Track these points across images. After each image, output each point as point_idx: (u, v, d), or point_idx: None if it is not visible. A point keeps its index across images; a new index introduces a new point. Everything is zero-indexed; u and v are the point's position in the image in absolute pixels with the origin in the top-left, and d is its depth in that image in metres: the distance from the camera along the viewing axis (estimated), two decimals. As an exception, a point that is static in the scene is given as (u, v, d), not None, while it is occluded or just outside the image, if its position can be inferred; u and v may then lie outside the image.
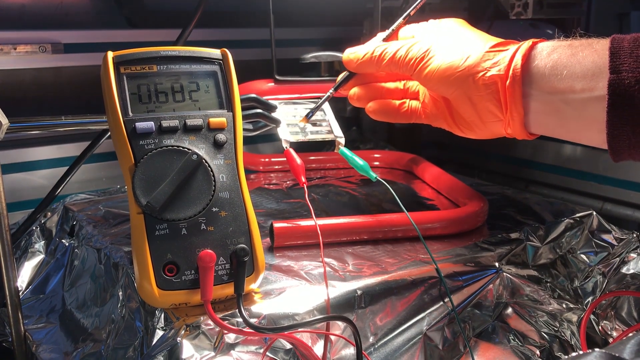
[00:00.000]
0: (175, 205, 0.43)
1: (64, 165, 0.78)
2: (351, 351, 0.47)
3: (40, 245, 0.65)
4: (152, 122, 0.44)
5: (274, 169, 0.85)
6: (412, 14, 0.56)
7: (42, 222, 0.66)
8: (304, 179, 0.53)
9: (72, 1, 0.84)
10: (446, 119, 0.54)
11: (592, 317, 0.56)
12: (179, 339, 0.41)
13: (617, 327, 0.56)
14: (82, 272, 0.58)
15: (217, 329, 0.42)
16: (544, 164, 0.92)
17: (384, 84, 0.58)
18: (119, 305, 0.49)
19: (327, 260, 0.53)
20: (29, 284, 0.61)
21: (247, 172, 0.82)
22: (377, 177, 0.55)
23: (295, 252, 0.55)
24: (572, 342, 0.54)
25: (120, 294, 0.50)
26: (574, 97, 0.43)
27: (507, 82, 0.46)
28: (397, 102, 0.57)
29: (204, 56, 0.48)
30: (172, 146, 0.44)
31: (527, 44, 0.46)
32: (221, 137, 0.46)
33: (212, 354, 0.41)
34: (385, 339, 0.49)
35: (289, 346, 0.44)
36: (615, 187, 0.83)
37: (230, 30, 0.93)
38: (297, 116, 0.60)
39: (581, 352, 0.33)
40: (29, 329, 0.54)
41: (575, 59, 0.43)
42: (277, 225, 0.56)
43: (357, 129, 1.07)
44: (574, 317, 0.56)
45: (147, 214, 0.42)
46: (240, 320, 0.42)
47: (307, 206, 0.50)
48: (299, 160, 0.54)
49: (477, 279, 0.54)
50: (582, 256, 0.61)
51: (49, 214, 0.67)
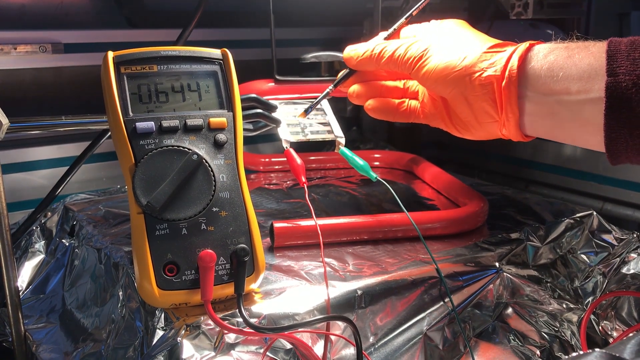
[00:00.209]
0: (175, 205, 0.43)
1: (64, 165, 0.78)
2: (351, 351, 0.47)
3: (40, 245, 0.65)
4: (153, 122, 0.44)
5: (274, 169, 0.85)
6: (414, 14, 0.56)
7: (43, 222, 0.66)
8: (304, 179, 0.53)
9: (72, 1, 0.84)
10: (444, 119, 0.54)
11: (592, 317, 0.56)
12: (179, 338, 0.41)
13: (617, 327, 0.56)
14: (82, 272, 0.57)
15: (218, 329, 0.42)
16: (544, 164, 0.92)
17: (383, 83, 0.58)
18: (119, 305, 0.49)
19: (327, 260, 0.53)
20: (29, 284, 0.61)
21: (248, 172, 0.82)
22: (378, 177, 0.55)
23: (295, 252, 0.55)
24: (573, 342, 0.54)
25: (120, 293, 0.50)
26: (570, 99, 0.43)
27: (503, 83, 0.46)
28: (397, 101, 0.58)
29: (204, 56, 0.48)
30: (173, 146, 0.44)
31: (524, 45, 0.46)
32: (221, 137, 0.46)
33: (212, 354, 0.41)
34: (385, 339, 0.49)
35: (289, 346, 0.44)
36: (615, 187, 0.83)
37: (230, 30, 0.93)
38: (297, 116, 0.60)
39: (581, 352, 0.33)
40: (29, 329, 0.54)
41: (571, 61, 0.43)
42: (278, 225, 0.56)
43: (357, 129, 1.07)
44: (574, 317, 0.56)
45: (147, 214, 0.42)
46: (240, 320, 0.42)
47: (308, 206, 0.50)
48: (299, 160, 0.54)
49: (477, 279, 0.54)
50: (583, 256, 0.61)
51: (49, 213, 0.67)
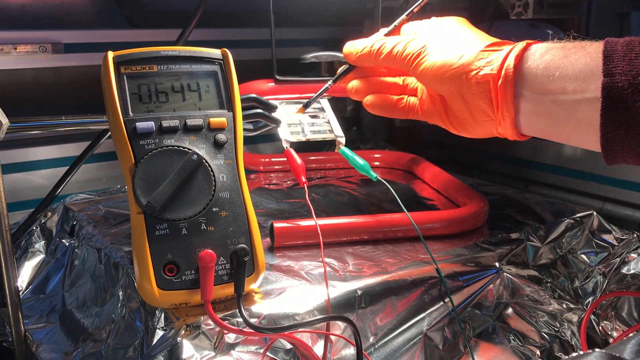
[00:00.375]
0: (175, 205, 0.43)
1: (64, 165, 0.78)
2: (351, 351, 0.47)
3: (40, 245, 0.65)
4: (153, 122, 0.44)
5: (274, 169, 0.85)
6: (415, 10, 0.57)
7: (43, 222, 0.66)
8: (304, 179, 0.53)
9: (72, 1, 0.84)
10: (441, 116, 0.54)
11: (592, 317, 0.56)
12: (179, 338, 0.41)
13: (617, 327, 0.56)
14: (82, 272, 0.57)
15: (217, 329, 0.42)
16: (544, 164, 0.92)
17: (383, 79, 0.59)
18: (119, 305, 0.49)
19: (327, 260, 0.53)
20: (29, 284, 0.61)
21: (248, 172, 0.82)
22: (378, 177, 0.55)
23: (295, 252, 0.55)
24: (573, 342, 0.54)
25: (120, 293, 0.50)
26: (566, 98, 0.43)
27: (499, 81, 0.46)
28: (395, 97, 0.58)
29: (204, 56, 0.48)
30: (173, 146, 0.44)
31: (521, 44, 0.46)
32: (221, 137, 0.46)
33: (212, 354, 0.41)
34: (385, 339, 0.49)
35: (289, 346, 0.44)
36: (615, 187, 0.83)
37: (230, 30, 0.93)
38: (296, 111, 0.60)
39: (581, 352, 0.33)
40: (29, 329, 0.54)
41: (567, 61, 0.43)
42: (278, 225, 0.56)
43: (358, 129, 1.07)
44: (575, 317, 0.56)
45: (147, 214, 0.42)
46: (240, 320, 0.42)
47: (308, 206, 0.50)
48: (299, 160, 0.54)
49: (477, 279, 0.54)
50: (583, 256, 0.61)
51: (49, 213, 0.67)
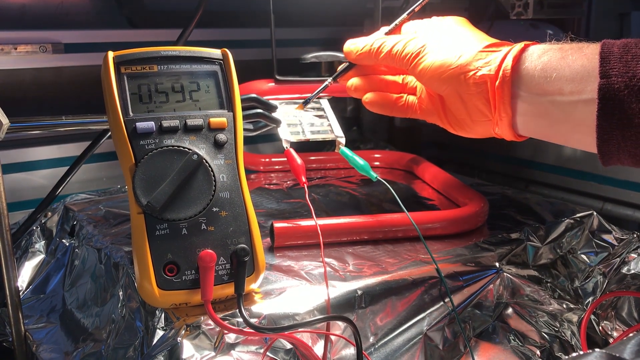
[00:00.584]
0: (175, 205, 0.43)
1: (64, 165, 0.78)
2: (351, 351, 0.47)
3: (40, 245, 0.65)
4: (153, 122, 0.44)
5: (274, 169, 0.85)
6: (416, 10, 0.57)
7: (43, 222, 0.66)
8: (304, 179, 0.53)
9: (72, 1, 0.84)
10: (439, 115, 0.54)
11: (592, 317, 0.56)
12: (179, 338, 0.41)
13: (617, 327, 0.56)
14: (82, 272, 0.58)
15: (218, 329, 0.42)
16: (544, 164, 0.92)
17: (382, 77, 0.59)
18: (120, 305, 0.49)
19: (327, 260, 0.53)
20: (29, 284, 0.61)
21: (248, 172, 0.82)
22: (378, 177, 0.55)
23: (295, 252, 0.55)
24: (573, 342, 0.54)
25: (120, 293, 0.50)
26: (562, 100, 0.44)
27: (497, 82, 0.46)
28: (395, 96, 0.58)
29: (205, 56, 0.48)
30: (173, 146, 0.44)
31: (519, 46, 0.47)
32: (221, 137, 0.46)
33: (213, 354, 0.41)
34: (385, 339, 0.49)
35: (289, 346, 0.44)
36: (615, 187, 0.83)
37: (230, 30, 0.93)
38: (297, 116, 0.60)
39: (581, 353, 0.33)
40: (29, 329, 0.54)
41: (564, 62, 0.43)
42: (278, 225, 0.56)
43: (358, 129, 1.07)
44: (575, 318, 0.56)
45: (147, 214, 0.42)
46: (240, 320, 0.42)
47: (308, 206, 0.50)
48: (299, 160, 0.54)
49: (477, 279, 0.54)
50: (583, 256, 0.61)
51: (50, 213, 0.67)
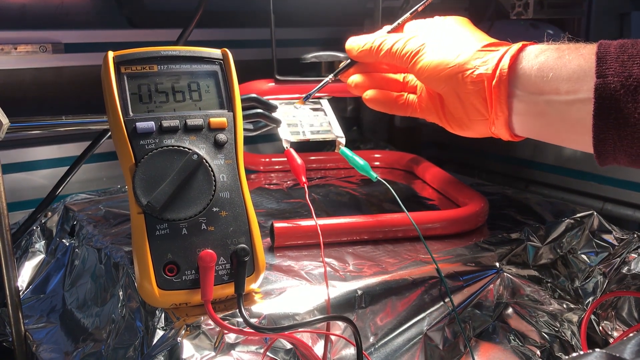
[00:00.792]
0: (175, 205, 0.43)
1: (64, 165, 0.78)
2: (351, 351, 0.47)
3: (40, 245, 0.65)
4: (153, 122, 0.44)
5: (274, 169, 0.85)
6: (419, 9, 0.57)
7: (43, 222, 0.66)
8: (304, 179, 0.53)
9: (72, 1, 0.84)
10: (438, 114, 0.54)
11: (592, 317, 0.56)
12: (179, 338, 0.41)
13: (617, 327, 0.56)
14: (82, 272, 0.58)
15: (218, 329, 0.42)
16: (545, 164, 0.92)
17: (383, 75, 0.59)
18: (120, 305, 0.49)
19: (327, 260, 0.53)
20: (29, 284, 0.61)
21: (248, 172, 0.82)
22: (378, 177, 0.55)
23: (295, 252, 0.55)
24: (573, 343, 0.54)
25: (120, 293, 0.50)
26: (559, 99, 0.44)
27: (494, 81, 0.46)
28: (395, 94, 0.58)
29: (205, 56, 0.48)
30: (173, 146, 0.44)
31: (517, 46, 0.47)
32: (222, 137, 0.46)
33: (213, 353, 0.41)
34: (385, 339, 0.49)
35: (289, 346, 0.44)
36: (615, 187, 0.83)
37: (230, 30, 0.93)
38: (297, 116, 0.60)
39: (582, 353, 0.33)
40: (29, 329, 0.54)
41: (561, 62, 0.44)
42: (278, 225, 0.56)
43: (358, 129, 1.07)
44: (575, 318, 0.56)
45: (147, 214, 0.42)
46: (240, 320, 0.42)
47: (308, 206, 0.50)
48: (299, 160, 0.54)
49: (477, 279, 0.54)
50: (583, 256, 0.61)
51: (50, 213, 0.67)
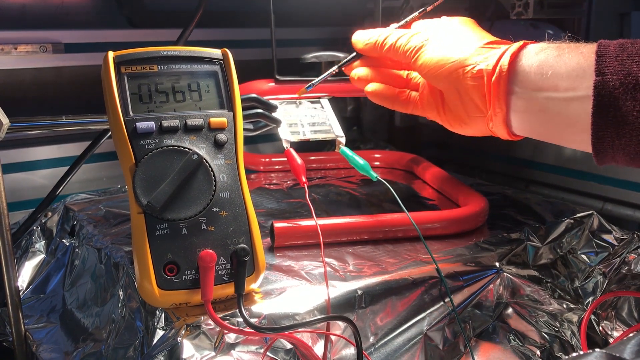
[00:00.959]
0: (175, 205, 0.43)
1: (64, 165, 0.78)
2: (351, 351, 0.47)
3: (40, 245, 0.65)
4: (153, 122, 0.44)
5: (274, 169, 0.85)
6: (428, 10, 0.58)
7: (43, 221, 0.66)
8: (304, 179, 0.53)
9: (72, 1, 0.84)
10: (439, 111, 0.55)
11: (592, 317, 0.56)
12: (179, 338, 0.41)
13: (617, 327, 0.56)
14: (82, 272, 0.58)
15: (218, 329, 0.42)
16: (545, 164, 0.92)
17: (388, 70, 0.60)
18: (120, 305, 0.49)
19: (327, 260, 0.53)
20: (29, 284, 0.61)
21: (248, 172, 0.82)
22: (378, 177, 0.55)
23: (295, 252, 0.55)
24: (573, 342, 0.54)
25: (120, 293, 0.50)
26: (557, 96, 0.44)
27: (493, 77, 0.47)
28: (397, 90, 0.58)
29: (205, 56, 0.48)
30: (173, 146, 0.44)
31: (518, 44, 0.47)
32: (222, 137, 0.46)
33: (213, 353, 0.41)
34: (385, 339, 0.49)
35: (289, 346, 0.44)
36: (615, 187, 0.83)
37: (230, 30, 0.93)
38: (297, 116, 0.60)
39: (582, 352, 0.33)
40: (29, 329, 0.54)
41: (561, 60, 0.44)
42: (278, 225, 0.56)
43: (358, 129, 1.07)
44: (575, 318, 0.56)
45: (147, 214, 0.42)
46: (240, 320, 0.42)
47: (308, 206, 0.50)
48: (299, 160, 0.54)
49: (477, 279, 0.54)
50: (583, 256, 0.61)
51: (50, 213, 0.67)
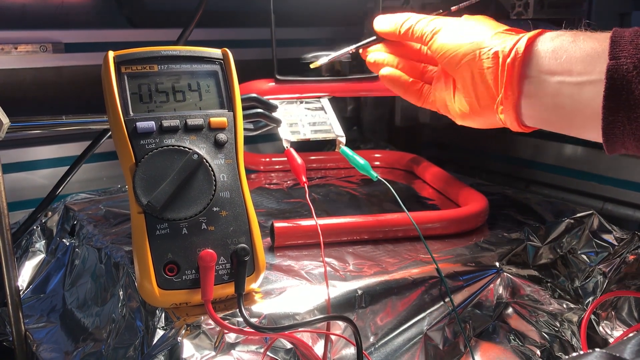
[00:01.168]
0: (176, 204, 0.43)
1: (64, 164, 0.78)
2: (352, 351, 0.47)
3: (40, 244, 0.65)
4: (153, 122, 0.44)
5: (274, 169, 0.85)
6: (453, 9, 0.58)
7: (43, 221, 0.66)
8: (304, 179, 0.53)
9: (72, 1, 0.84)
10: (450, 102, 0.55)
11: (592, 317, 0.56)
12: (179, 338, 0.41)
13: (617, 327, 0.56)
14: (82, 272, 0.58)
15: (218, 329, 0.42)
16: (545, 164, 0.92)
17: (405, 59, 0.60)
18: (120, 304, 0.49)
19: (327, 260, 0.53)
20: (29, 284, 0.61)
21: (248, 171, 0.82)
22: (378, 177, 0.55)
23: (295, 252, 0.55)
24: (573, 342, 0.54)
25: (120, 293, 0.50)
26: (571, 80, 0.44)
27: (509, 59, 0.47)
28: (411, 79, 0.59)
29: (205, 56, 0.48)
30: (173, 146, 0.44)
31: (535, 31, 0.48)
32: (222, 136, 0.46)
33: (213, 353, 0.41)
34: (385, 339, 0.49)
35: (289, 346, 0.44)
36: (615, 187, 0.83)
37: (231, 29, 0.93)
38: (297, 115, 0.61)
39: (582, 352, 0.33)
40: (29, 329, 0.54)
41: (576, 45, 0.45)
42: (278, 224, 0.56)
43: (358, 129, 1.07)
44: (575, 317, 0.56)
45: (147, 214, 0.42)
46: (240, 319, 0.42)
47: (308, 206, 0.50)
48: (299, 159, 0.54)
49: (477, 279, 0.54)
50: (583, 256, 0.61)
51: (50, 213, 0.67)
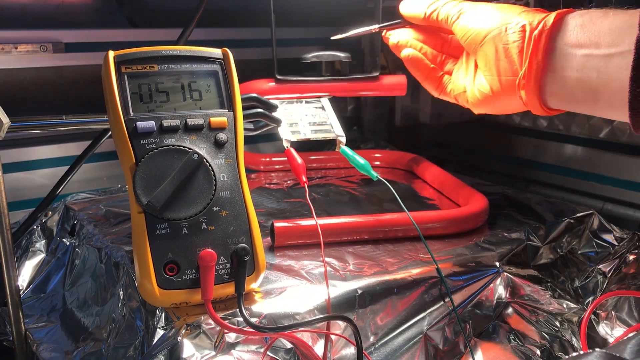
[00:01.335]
0: (176, 204, 0.43)
1: (64, 164, 0.78)
2: (352, 351, 0.47)
3: (41, 244, 0.65)
4: (153, 122, 0.44)
5: (274, 169, 0.85)
6: None
7: (43, 221, 0.66)
8: (304, 179, 0.53)
9: (73, 1, 0.84)
10: (469, 87, 0.55)
11: (592, 317, 0.56)
12: (179, 338, 0.41)
13: (617, 327, 0.56)
14: (82, 272, 0.58)
15: (218, 329, 0.42)
16: (545, 163, 0.92)
17: (428, 47, 0.60)
18: (120, 304, 0.49)
19: (327, 259, 0.53)
20: (29, 283, 0.62)
21: (248, 171, 0.82)
22: (378, 177, 0.55)
23: (295, 252, 0.55)
24: (573, 342, 0.54)
25: (120, 293, 0.50)
26: (598, 53, 0.44)
27: (536, 31, 0.47)
28: (432, 65, 0.60)
29: (205, 56, 0.48)
30: (173, 146, 0.44)
31: (565, 9, 0.48)
32: (222, 136, 0.46)
33: (213, 353, 0.41)
34: (385, 339, 0.49)
35: (289, 345, 0.44)
36: (616, 187, 0.83)
37: (231, 29, 0.93)
38: (297, 115, 0.61)
39: (582, 352, 0.33)
40: (29, 328, 0.54)
41: (605, 18, 0.45)
42: (278, 224, 0.56)
43: (358, 129, 1.07)
44: (575, 317, 0.56)
45: (147, 213, 0.42)
46: (240, 319, 0.42)
47: (308, 206, 0.50)
48: (299, 159, 0.54)
49: (477, 279, 0.54)
50: (583, 256, 0.61)
51: (50, 213, 0.67)
